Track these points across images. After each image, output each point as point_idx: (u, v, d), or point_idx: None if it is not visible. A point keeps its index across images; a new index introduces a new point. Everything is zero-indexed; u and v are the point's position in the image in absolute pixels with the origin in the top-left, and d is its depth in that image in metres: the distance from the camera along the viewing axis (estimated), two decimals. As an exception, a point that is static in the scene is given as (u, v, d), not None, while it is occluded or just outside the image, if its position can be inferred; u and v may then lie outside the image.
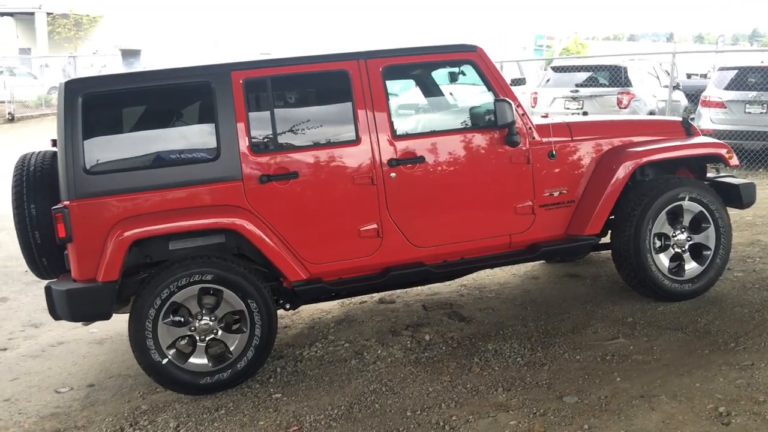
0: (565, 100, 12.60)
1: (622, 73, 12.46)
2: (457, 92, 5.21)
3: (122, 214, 4.12)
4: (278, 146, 4.37)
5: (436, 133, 4.65)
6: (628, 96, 12.24)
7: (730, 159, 4.97)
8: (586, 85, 12.62)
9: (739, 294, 4.97)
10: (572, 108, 12.54)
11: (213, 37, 30.74)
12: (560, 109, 12.61)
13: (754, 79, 11.38)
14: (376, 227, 4.49)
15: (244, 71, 4.33)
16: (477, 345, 4.64)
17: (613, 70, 12.60)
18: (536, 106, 12.96)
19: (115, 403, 4.32)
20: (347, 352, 4.69)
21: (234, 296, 4.26)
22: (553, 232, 4.82)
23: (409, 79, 5.16)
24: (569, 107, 12.56)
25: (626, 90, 12.29)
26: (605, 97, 12.36)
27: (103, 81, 4.36)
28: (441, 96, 5.20)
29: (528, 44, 38.30)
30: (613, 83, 12.46)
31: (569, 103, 12.58)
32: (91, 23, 31.72)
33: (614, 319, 4.79)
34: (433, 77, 5.17)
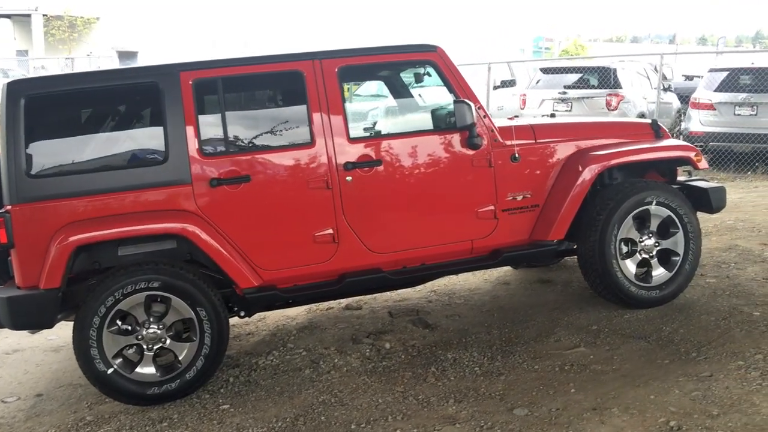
0: (554, 102, 12.47)
1: (611, 74, 12.32)
2: (422, 94, 5.07)
3: (66, 219, 4.00)
4: (229, 149, 4.25)
5: (394, 136, 4.52)
6: (617, 98, 12.11)
7: (698, 162, 4.83)
8: (576, 87, 12.49)
9: (708, 301, 4.82)
10: (561, 110, 12.40)
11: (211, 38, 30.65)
12: (549, 111, 12.47)
13: (745, 80, 11.25)
14: (331, 232, 4.36)
15: (193, 71, 4.20)
16: (437, 354, 4.51)
17: (602, 71, 12.47)
18: (525, 108, 12.83)
19: (60, 413, 4.19)
20: (303, 361, 4.56)
21: (183, 304, 4.13)
22: (516, 237, 4.69)
23: (369, 80, 5.02)
24: (558, 109, 12.42)
25: (615, 92, 12.16)
26: (594, 98, 12.24)
27: (47, 82, 4.24)
28: (402, 98, 5.07)
29: (527, 46, 38.14)
30: (603, 85, 12.34)
31: (558, 104, 12.45)
32: (86, 25, 31.64)
33: (578, 327, 4.66)
34: (395, 78, 5.05)
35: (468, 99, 4.48)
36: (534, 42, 39.37)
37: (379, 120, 4.82)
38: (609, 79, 12.28)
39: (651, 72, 14.24)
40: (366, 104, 5.06)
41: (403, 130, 4.64)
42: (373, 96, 9.84)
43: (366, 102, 5.47)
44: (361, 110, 4.90)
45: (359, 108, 4.91)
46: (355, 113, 4.67)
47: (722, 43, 41.44)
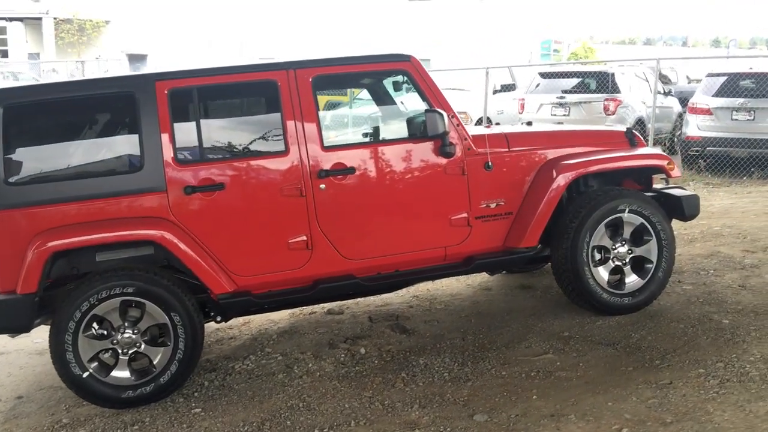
0: (552, 107, 12.49)
1: (609, 79, 12.33)
2: (404, 102, 5.14)
3: (42, 226, 4.09)
4: (204, 157, 4.33)
5: (367, 144, 4.60)
6: (614, 102, 12.12)
7: (671, 170, 4.87)
8: (573, 92, 12.50)
9: (681, 308, 4.86)
10: (558, 114, 12.44)
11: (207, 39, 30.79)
12: (547, 116, 12.52)
13: (743, 85, 11.23)
14: (305, 239, 4.43)
15: (168, 81, 4.29)
16: (410, 359, 4.57)
17: (600, 76, 12.49)
18: (523, 113, 12.86)
19: (38, 416, 4.28)
20: (278, 365, 4.63)
21: (157, 309, 4.21)
22: (490, 244, 4.75)
23: (344, 89, 5.09)
24: (556, 113, 12.46)
25: (613, 96, 12.17)
26: (592, 103, 12.25)
27: (26, 91, 4.34)
28: (378, 106, 5.14)
29: (535, 49, 38.07)
30: (601, 89, 12.34)
31: (556, 109, 12.47)
32: (95, 28, 31.89)
33: (551, 333, 4.71)
34: (371, 87, 5.12)
35: (441, 108, 4.54)
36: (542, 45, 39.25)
37: (353, 129, 4.88)
38: (607, 83, 12.29)
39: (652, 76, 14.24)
40: (339, 113, 5.08)
41: (377, 138, 4.71)
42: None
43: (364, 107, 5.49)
44: (338, 118, 4.93)
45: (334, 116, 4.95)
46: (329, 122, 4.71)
47: (734, 45, 41.20)
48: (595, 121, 12.07)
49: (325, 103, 17.31)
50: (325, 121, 4.73)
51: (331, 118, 4.85)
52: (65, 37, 31.75)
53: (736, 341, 4.20)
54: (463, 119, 13.16)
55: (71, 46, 31.70)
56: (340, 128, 4.88)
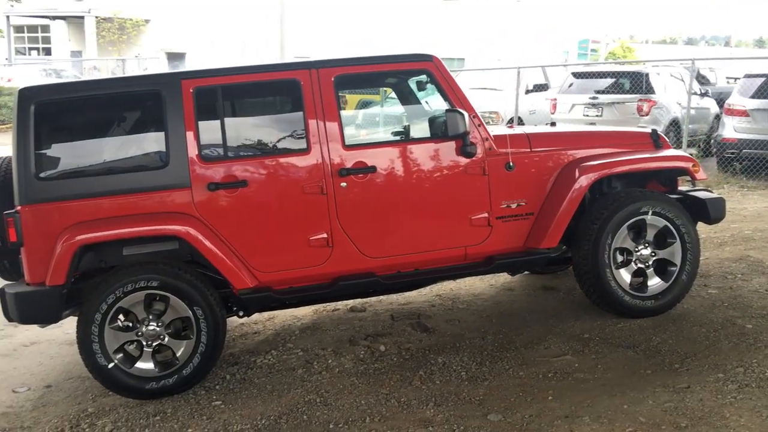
0: (585, 107, 12.38)
1: (644, 79, 12.18)
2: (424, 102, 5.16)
3: (71, 220, 4.20)
4: (227, 155, 4.40)
5: (388, 143, 4.63)
6: (648, 103, 11.97)
7: (696, 173, 4.81)
8: (607, 92, 12.37)
9: (705, 312, 4.81)
10: (591, 115, 12.32)
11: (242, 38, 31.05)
12: (579, 116, 12.41)
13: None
14: (325, 237, 4.48)
15: (194, 80, 4.37)
16: (428, 357, 4.60)
17: (634, 76, 12.33)
18: (555, 113, 12.77)
19: (65, 404, 4.41)
20: (298, 360, 4.69)
21: (180, 303, 4.31)
22: (510, 244, 4.75)
23: (366, 89, 5.12)
24: (588, 114, 12.35)
25: (647, 97, 12.01)
26: (625, 104, 12.11)
27: (56, 89, 4.46)
28: (401, 106, 5.17)
29: (572, 48, 37.70)
30: (635, 90, 12.19)
31: (588, 109, 12.36)
32: (134, 27, 32.43)
33: (571, 335, 4.69)
34: (395, 86, 5.15)
35: (463, 108, 4.56)
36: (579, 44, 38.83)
37: (376, 127, 4.91)
38: (641, 83, 12.14)
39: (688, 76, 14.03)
40: (362, 112, 5.11)
41: (399, 137, 4.74)
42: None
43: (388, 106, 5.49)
44: (363, 117, 4.97)
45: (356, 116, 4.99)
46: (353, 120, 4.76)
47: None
48: (629, 122, 11.93)
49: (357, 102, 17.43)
50: (349, 120, 4.75)
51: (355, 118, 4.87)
52: (106, 35, 32.35)
53: (757, 346, 4.15)
54: (494, 119, 13.22)
55: (112, 45, 32.29)
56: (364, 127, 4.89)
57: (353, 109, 17.31)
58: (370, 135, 4.75)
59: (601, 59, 39.07)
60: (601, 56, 40.91)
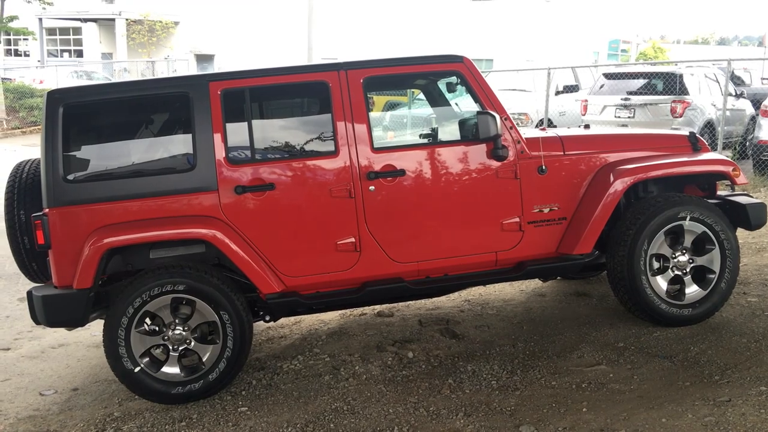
0: (616, 108, 12.16)
1: (677, 80, 11.93)
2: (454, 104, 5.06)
3: (98, 223, 4.17)
4: (255, 157, 4.35)
5: (417, 146, 4.54)
6: (682, 104, 11.72)
7: (736, 177, 4.65)
8: (639, 93, 12.15)
9: (745, 321, 4.64)
10: (623, 117, 12.10)
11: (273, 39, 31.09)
12: (611, 118, 12.20)
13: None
14: (353, 241, 4.41)
15: (222, 82, 4.33)
16: (457, 365, 4.50)
17: (667, 77, 12.08)
18: (586, 114, 12.58)
19: (92, 408, 4.38)
20: (325, 366, 4.62)
21: (207, 307, 4.26)
22: (542, 250, 4.63)
23: (395, 91, 5.03)
24: (620, 116, 12.13)
25: (681, 98, 11.76)
26: (658, 105, 11.88)
27: (84, 91, 4.43)
28: (431, 108, 5.08)
29: (602, 48, 37.24)
30: (668, 91, 11.94)
31: (620, 111, 12.14)
32: (164, 29, 32.69)
33: (605, 343, 4.56)
34: (425, 88, 5.05)
35: (494, 110, 4.46)
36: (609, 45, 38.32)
37: (406, 130, 4.82)
38: (674, 84, 11.90)
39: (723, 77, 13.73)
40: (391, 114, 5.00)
41: (428, 140, 4.65)
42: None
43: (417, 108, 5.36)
44: (393, 119, 4.89)
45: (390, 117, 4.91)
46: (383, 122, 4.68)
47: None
48: (662, 123, 11.72)
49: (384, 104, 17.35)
50: (378, 123, 4.67)
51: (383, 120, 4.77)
52: (136, 37, 32.65)
53: (801, 358, 4.00)
54: (524, 121, 13.07)
55: (141, 47, 32.57)
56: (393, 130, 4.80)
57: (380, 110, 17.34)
58: (399, 137, 4.64)
59: (631, 60, 38.58)
60: (632, 57, 40.37)
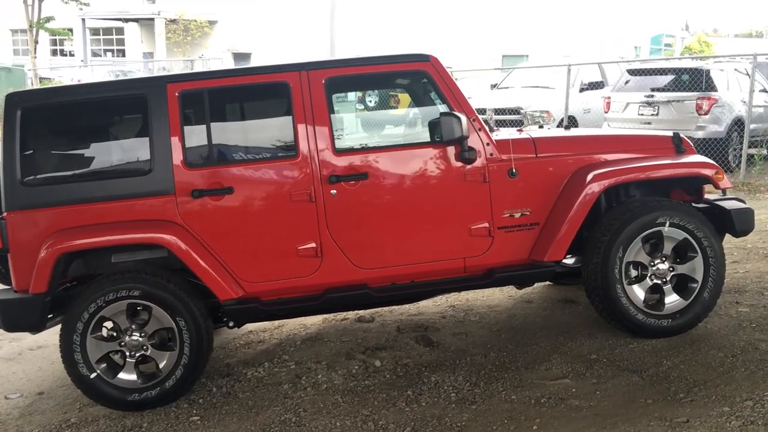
0: (639, 106, 11.79)
1: (704, 76, 11.50)
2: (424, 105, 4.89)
3: (55, 227, 4.13)
4: (213, 160, 4.27)
5: (381, 149, 4.39)
6: (708, 101, 11.29)
7: (719, 181, 4.39)
8: (664, 90, 11.74)
9: (728, 334, 4.38)
10: (646, 114, 11.73)
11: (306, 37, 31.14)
12: (634, 115, 11.84)
13: None
14: (314, 246, 4.28)
15: (180, 83, 4.25)
16: (422, 375, 4.35)
17: (694, 72, 11.65)
18: (609, 111, 12.23)
19: (52, 413, 4.36)
20: (288, 375, 4.52)
21: (163, 313, 4.19)
22: (514, 256, 4.44)
23: (360, 91, 4.88)
24: (643, 113, 11.76)
25: (707, 95, 11.33)
26: (683, 102, 11.47)
27: (43, 94, 4.40)
28: (397, 108, 4.92)
29: (644, 43, 36.36)
30: (694, 87, 11.52)
31: (643, 108, 11.76)
32: (198, 29, 33.01)
33: (578, 355, 4.36)
34: (410, 88, 4.89)
35: (462, 111, 4.29)
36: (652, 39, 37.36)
37: (368, 132, 4.67)
38: (701, 80, 11.47)
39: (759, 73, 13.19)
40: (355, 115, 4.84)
41: (394, 142, 4.50)
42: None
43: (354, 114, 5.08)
44: (349, 122, 4.74)
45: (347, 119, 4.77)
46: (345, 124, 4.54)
47: None
48: (687, 121, 11.34)
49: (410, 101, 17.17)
50: (343, 124, 4.54)
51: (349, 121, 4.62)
52: (171, 37, 33.07)
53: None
54: (545, 118, 12.77)
55: (177, 46, 32.97)
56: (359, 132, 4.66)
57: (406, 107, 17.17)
58: (364, 139, 4.49)
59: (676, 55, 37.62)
60: (676, 51, 39.34)
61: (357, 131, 4.54)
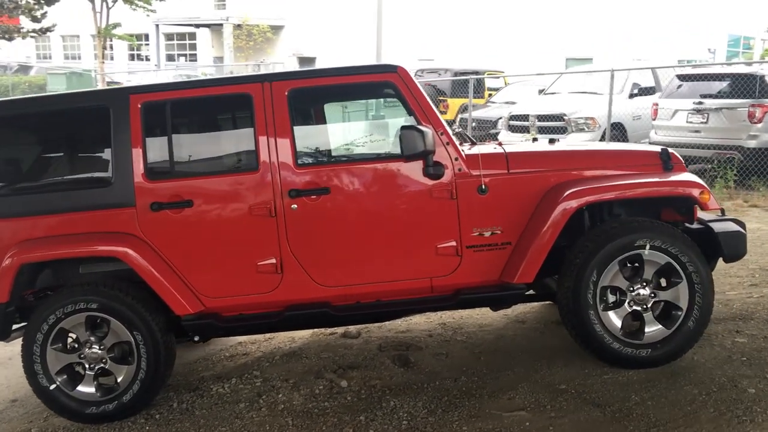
0: (688, 113, 11.21)
1: (758, 82, 10.84)
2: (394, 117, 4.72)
3: (18, 238, 4.15)
4: (174, 173, 4.21)
5: (345, 162, 4.25)
6: (761, 109, 10.63)
7: (705, 201, 4.04)
8: (715, 96, 11.14)
9: (713, 367, 4.03)
10: (695, 122, 11.15)
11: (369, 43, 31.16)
12: (682, 123, 11.27)
13: None
14: (275, 262, 4.17)
15: (142, 95, 4.21)
16: (384, 399, 4.17)
17: (747, 79, 11.00)
18: (656, 119, 11.69)
19: (17, 422, 4.39)
20: (250, 393, 4.41)
21: (121, 326, 4.15)
22: (483, 277, 4.21)
23: (326, 104, 4.72)
24: (692, 121, 11.18)
25: (760, 102, 10.68)
26: (735, 110, 10.84)
27: (8, 105, 4.43)
28: (365, 121, 4.75)
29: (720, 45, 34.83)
30: (748, 94, 10.88)
31: (692, 116, 11.18)
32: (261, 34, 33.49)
33: (547, 384, 4.10)
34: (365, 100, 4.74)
35: (429, 123, 4.10)
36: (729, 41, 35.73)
37: (333, 146, 4.50)
38: (755, 86, 10.82)
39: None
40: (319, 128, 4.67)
41: (358, 156, 4.34)
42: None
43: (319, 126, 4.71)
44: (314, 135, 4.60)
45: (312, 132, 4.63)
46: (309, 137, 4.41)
47: None
48: (738, 130, 10.72)
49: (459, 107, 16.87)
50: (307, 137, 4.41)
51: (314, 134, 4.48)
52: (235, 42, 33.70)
53: (741, 420, 3.38)
54: (590, 125, 12.31)
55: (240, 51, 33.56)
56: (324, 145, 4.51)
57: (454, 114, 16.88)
58: (329, 152, 4.34)
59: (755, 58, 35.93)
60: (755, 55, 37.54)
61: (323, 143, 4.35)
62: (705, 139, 10.98)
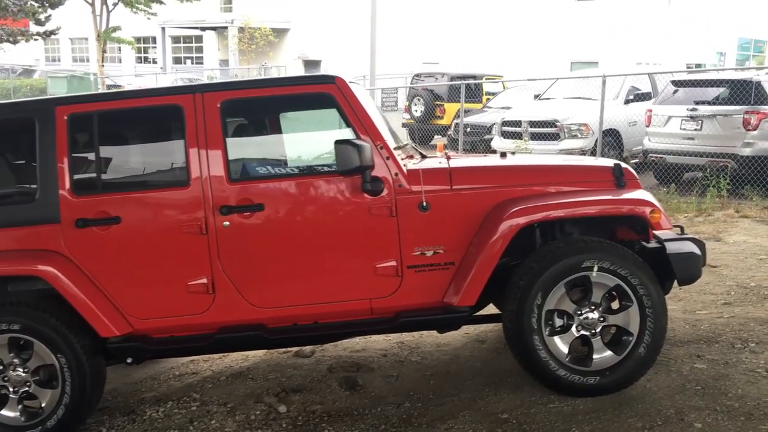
0: (682, 120, 10.93)
1: (753, 88, 10.54)
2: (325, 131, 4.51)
3: (-59, 254, 3.98)
4: (101, 188, 4.02)
5: (279, 177, 4.04)
6: (757, 116, 10.33)
7: (655, 221, 3.80)
8: (709, 103, 10.85)
9: (663, 397, 3.77)
10: (689, 129, 10.86)
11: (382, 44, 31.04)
12: (675, 130, 11.00)
13: None
14: (206, 282, 3.98)
15: (69, 106, 4.03)
16: (320, 426, 3.99)
17: (742, 85, 10.70)
18: (650, 126, 11.41)
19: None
20: (183, 418, 4.23)
21: (45, 349, 3.96)
22: (425, 298, 4.00)
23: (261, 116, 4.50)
24: (686, 128, 10.89)
25: (756, 109, 10.38)
26: (730, 116, 10.55)
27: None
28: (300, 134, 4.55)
29: (729, 49, 34.33)
30: (743, 100, 10.58)
31: (686, 123, 10.90)
32: (263, 37, 33.39)
33: (490, 412, 3.87)
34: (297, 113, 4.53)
35: (367, 136, 3.89)
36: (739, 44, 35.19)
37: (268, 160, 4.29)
38: (750, 93, 10.52)
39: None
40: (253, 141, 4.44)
41: (294, 170, 4.13)
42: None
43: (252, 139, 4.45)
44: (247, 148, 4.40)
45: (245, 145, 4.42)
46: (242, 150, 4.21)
47: None
48: (733, 137, 10.43)
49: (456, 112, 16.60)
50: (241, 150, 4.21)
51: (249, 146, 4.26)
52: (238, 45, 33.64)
53: (679, 460, 3.15)
54: (583, 132, 12.05)
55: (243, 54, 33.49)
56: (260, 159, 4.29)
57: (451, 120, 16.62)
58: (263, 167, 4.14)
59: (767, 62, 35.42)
60: (766, 59, 36.98)
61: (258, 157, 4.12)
62: (699, 146, 10.68)
